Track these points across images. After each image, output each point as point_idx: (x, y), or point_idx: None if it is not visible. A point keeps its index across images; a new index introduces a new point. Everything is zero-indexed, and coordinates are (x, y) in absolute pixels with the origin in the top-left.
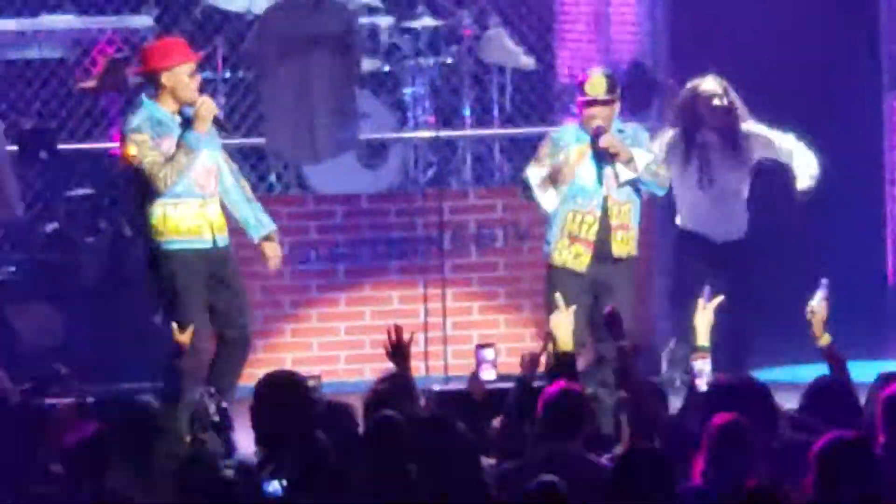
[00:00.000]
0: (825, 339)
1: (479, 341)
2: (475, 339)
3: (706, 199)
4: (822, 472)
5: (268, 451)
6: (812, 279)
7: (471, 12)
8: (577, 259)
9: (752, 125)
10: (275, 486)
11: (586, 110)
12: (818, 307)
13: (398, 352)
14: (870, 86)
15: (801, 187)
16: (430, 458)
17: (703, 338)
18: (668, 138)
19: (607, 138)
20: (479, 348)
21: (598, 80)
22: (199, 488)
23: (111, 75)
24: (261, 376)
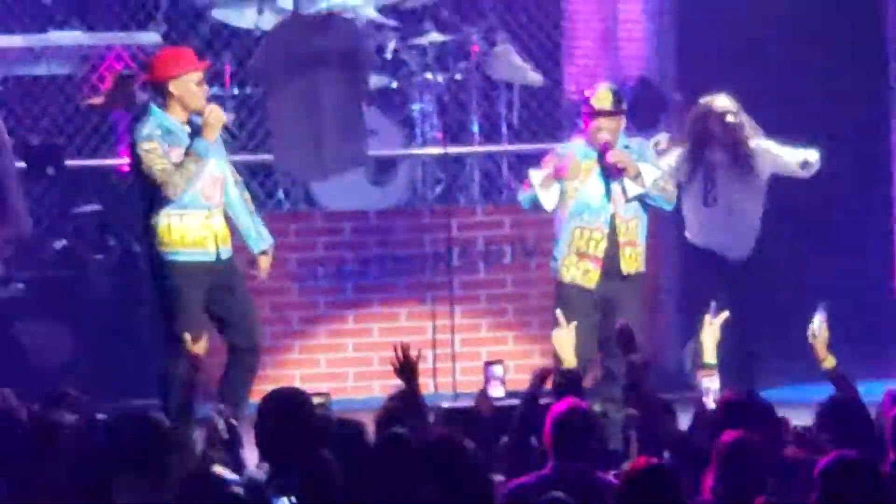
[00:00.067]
0: (829, 361)
1: (488, 358)
2: (483, 355)
3: (713, 215)
4: (825, 490)
5: (276, 468)
6: (821, 296)
7: (479, 29)
8: (586, 276)
9: (761, 142)
10: (283, 503)
11: (592, 122)
12: (819, 330)
13: (406, 369)
14: (879, 105)
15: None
16: (439, 475)
17: (709, 355)
18: (679, 153)
19: (615, 153)
20: (488, 365)
21: (604, 94)
22: None
23: (119, 92)
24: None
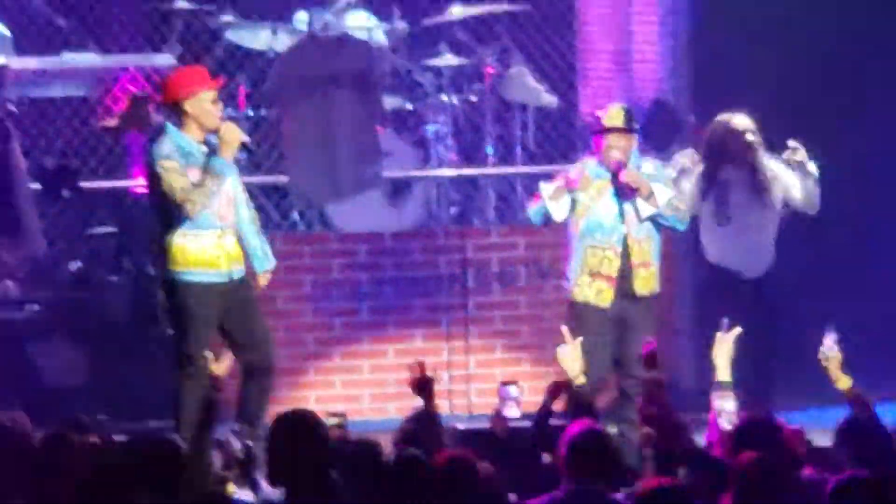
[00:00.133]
0: (844, 382)
1: (503, 379)
2: (498, 377)
3: (727, 234)
4: None
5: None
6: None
7: (493, 50)
8: (600, 295)
9: (771, 163)
10: None
11: (604, 140)
12: (831, 352)
13: (422, 387)
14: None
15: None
16: (453, 496)
17: (723, 373)
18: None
19: (628, 173)
20: (503, 385)
21: (615, 112)
22: None
23: (133, 113)
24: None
